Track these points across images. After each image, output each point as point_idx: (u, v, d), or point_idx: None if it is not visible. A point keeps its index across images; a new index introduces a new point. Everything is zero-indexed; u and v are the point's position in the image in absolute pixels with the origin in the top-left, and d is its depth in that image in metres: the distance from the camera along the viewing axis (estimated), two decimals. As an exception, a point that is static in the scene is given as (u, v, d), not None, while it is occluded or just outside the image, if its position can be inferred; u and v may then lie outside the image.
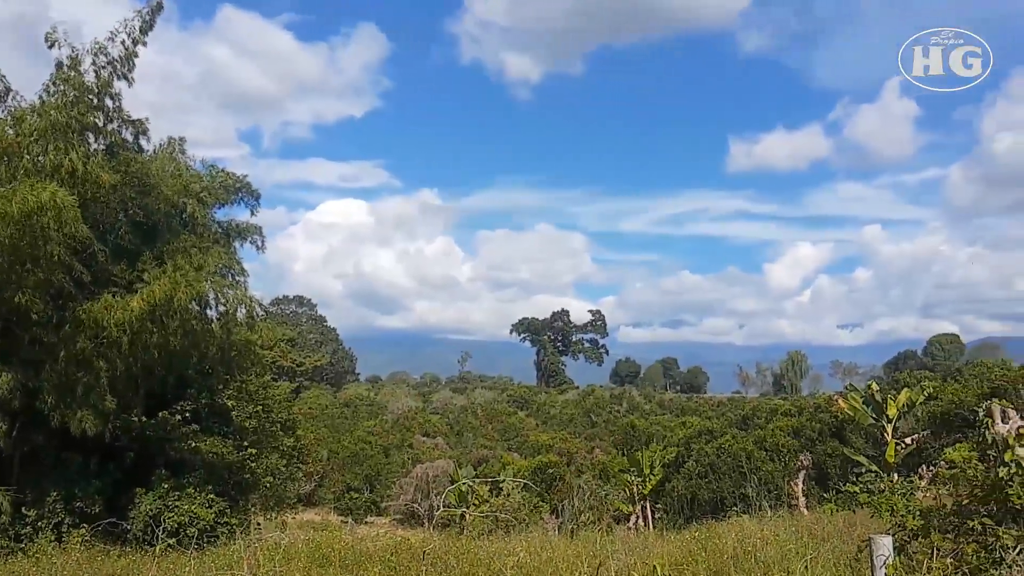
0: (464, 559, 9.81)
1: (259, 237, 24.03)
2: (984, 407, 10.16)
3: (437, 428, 72.98)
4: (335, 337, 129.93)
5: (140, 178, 19.51)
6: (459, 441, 67.73)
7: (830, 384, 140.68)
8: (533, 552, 10.01)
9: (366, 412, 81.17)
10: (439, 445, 63.71)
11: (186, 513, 18.86)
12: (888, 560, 8.02)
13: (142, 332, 17.62)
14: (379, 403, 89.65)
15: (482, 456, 53.54)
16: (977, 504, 9.54)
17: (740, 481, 30.18)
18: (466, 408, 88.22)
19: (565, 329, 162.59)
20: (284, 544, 11.17)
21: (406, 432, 67.71)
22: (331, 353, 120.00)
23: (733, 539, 10.39)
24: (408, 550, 9.99)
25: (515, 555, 9.69)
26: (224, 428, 24.08)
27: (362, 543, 11.09)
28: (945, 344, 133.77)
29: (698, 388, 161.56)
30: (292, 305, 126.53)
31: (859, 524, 13.69)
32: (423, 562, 9.27)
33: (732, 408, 77.54)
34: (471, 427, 75.27)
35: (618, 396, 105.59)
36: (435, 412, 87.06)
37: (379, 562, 9.54)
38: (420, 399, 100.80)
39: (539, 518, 28.53)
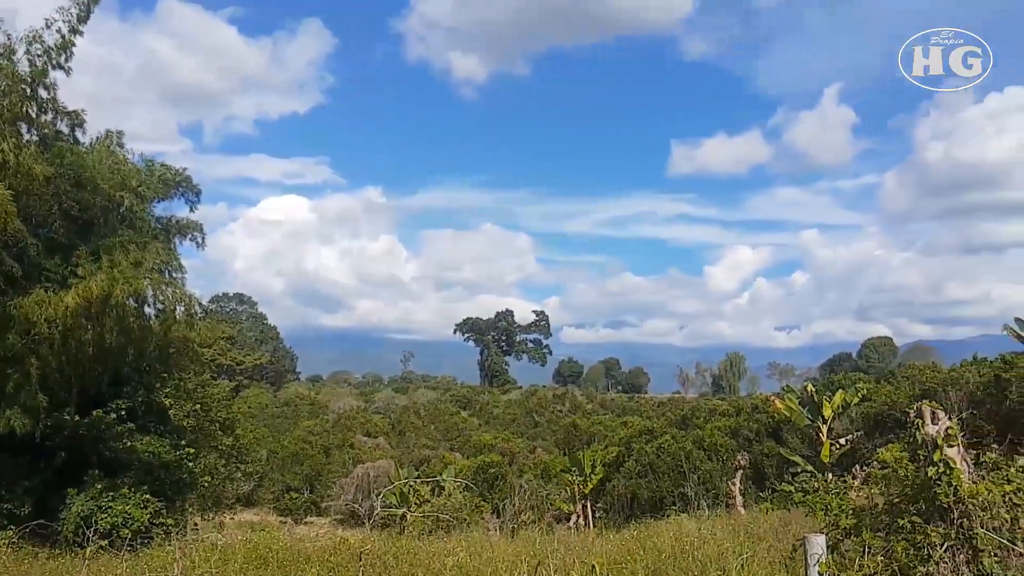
0: (403, 559, 9.76)
1: (199, 234, 23.64)
2: (915, 408, 10.39)
3: (379, 428, 72.58)
4: (276, 335, 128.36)
5: (75, 171, 19.05)
6: (401, 441, 67.43)
7: (767, 385, 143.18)
8: (473, 552, 10.00)
9: (307, 412, 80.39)
10: (380, 445, 63.37)
11: (120, 514, 18.46)
12: (821, 558, 8.18)
13: (76, 328, 17.22)
14: (320, 403, 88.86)
15: (424, 456, 53.42)
16: (907, 503, 9.79)
17: (679, 480, 30.54)
18: (408, 408, 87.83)
19: (509, 329, 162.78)
20: (221, 545, 11.00)
21: (347, 432, 67.22)
22: (271, 352, 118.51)
23: (671, 538, 10.52)
24: (347, 550, 9.90)
25: (454, 555, 9.68)
26: (161, 427, 23.60)
27: (301, 543, 10.96)
28: (879, 347, 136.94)
29: (639, 388, 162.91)
30: (232, 303, 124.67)
31: (794, 523, 13.94)
32: (360, 563, 9.20)
33: (672, 408, 78.36)
34: (413, 427, 74.99)
35: (561, 396, 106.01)
36: (377, 412, 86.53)
37: (317, 563, 9.45)
38: (362, 399, 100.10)
39: (480, 518, 28.50)
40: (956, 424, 10.44)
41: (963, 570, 9.12)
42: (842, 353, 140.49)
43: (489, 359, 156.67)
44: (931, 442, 9.76)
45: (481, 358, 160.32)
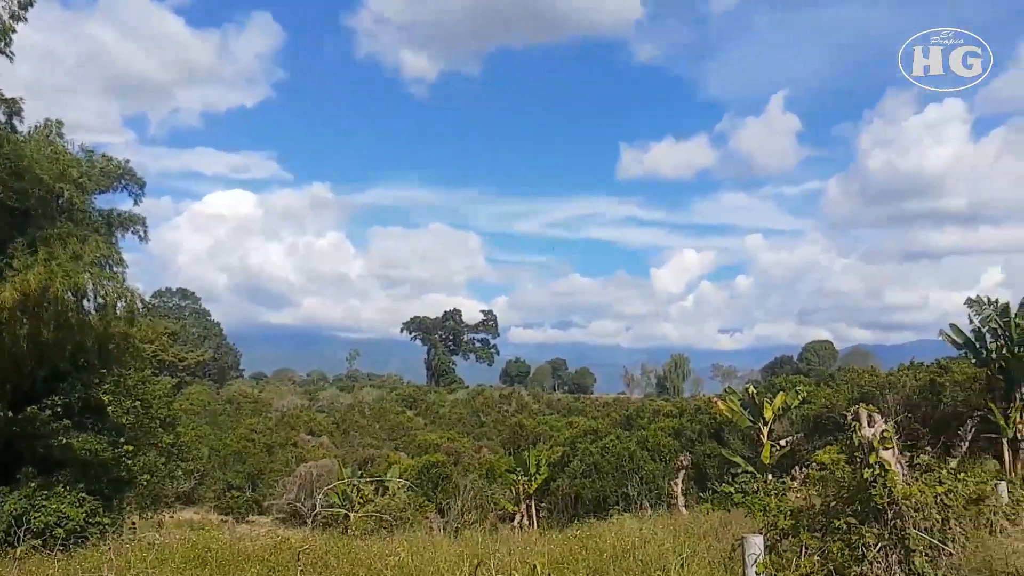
0: (345, 559, 9.69)
1: (141, 227, 23.14)
2: (852, 411, 10.62)
3: (323, 427, 71.95)
4: (219, 332, 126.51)
5: (12, 160, 18.53)
6: (345, 440, 66.89)
7: (710, 386, 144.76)
8: (415, 552, 9.97)
9: (250, 409, 79.39)
10: (324, 444, 62.83)
11: (54, 513, 18.03)
12: (759, 558, 8.31)
13: (11, 323, 16.78)
14: (264, 400, 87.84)
15: (368, 455, 53.04)
16: (843, 504, 9.99)
17: (623, 480, 30.78)
18: (353, 406, 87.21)
19: (456, 328, 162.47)
20: (158, 544, 10.80)
21: (291, 430, 66.56)
22: (215, 348, 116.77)
23: (613, 538, 10.59)
24: (288, 550, 9.79)
25: (396, 555, 9.64)
26: (99, 424, 23.09)
27: (241, 543, 10.82)
28: (819, 350, 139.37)
29: (585, 389, 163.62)
30: (175, 298, 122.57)
31: (734, 523, 14.13)
32: (299, 562, 9.11)
33: (617, 409, 78.83)
34: (358, 426, 74.45)
35: (507, 396, 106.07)
36: (321, 410, 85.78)
37: (257, 562, 9.34)
38: (306, 397, 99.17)
39: (424, 518, 28.43)
40: (892, 427, 10.69)
41: (896, 570, 9.33)
42: (783, 356, 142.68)
43: (436, 358, 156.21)
44: (867, 444, 9.97)
45: (428, 357, 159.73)
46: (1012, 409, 27.56)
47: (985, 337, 28.97)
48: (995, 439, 27.99)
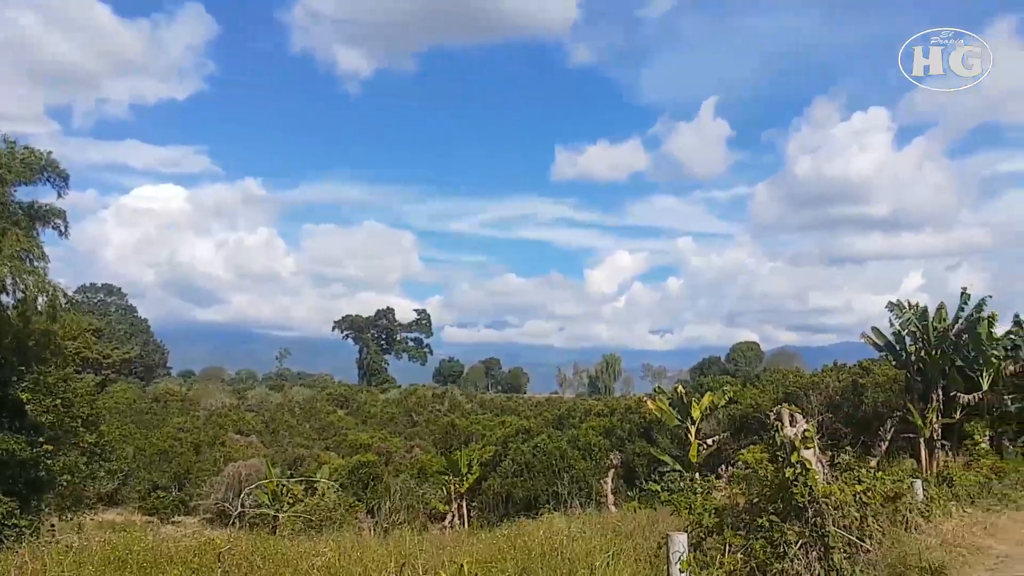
0: (271, 560, 9.56)
1: (62, 221, 22.51)
2: (775, 411, 10.86)
3: (252, 426, 70.86)
4: (146, 328, 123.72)
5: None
6: (274, 439, 65.99)
7: (641, 386, 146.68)
8: (342, 552, 9.88)
9: (177, 408, 77.84)
10: (253, 443, 61.88)
11: (-33, 515, 17.47)
12: (682, 556, 8.45)
13: (-78, 318, 16.20)
14: (192, 399, 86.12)
15: (298, 455, 52.35)
16: (766, 502, 10.21)
17: (554, 479, 30.95)
18: (283, 406, 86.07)
19: (389, 327, 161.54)
20: (76, 546, 10.50)
21: (219, 429, 65.40)
22: (141, 345, 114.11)
23: (542, 536, 10.65)
24: (213, 551, 9.63)
25: (323, 555, 9.55)
26: (16, 423, 22.41)
27: (163, 544, 10.58)
28: (746, 351, 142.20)
29: (519, 388, 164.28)
30: (100, 294, 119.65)
31: (661, 521, 14.32)
32: (221, 563, 8.96)
33: (549, 408, 79.22)
34: (287, 425, 73.52)
35: (440, 396, 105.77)
36: (250, 409, 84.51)
37: (180, 564, 9.15)
38: (235, 396, 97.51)
39: (354, 518, 28.19)
40: (813, 427, 10.96)
41: (815, 566, 9.57)
42: (712, 357, 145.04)
43: (368, 357, 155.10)
44: (789, 444, 10.20)
45: (360, 356, 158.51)
46: (929, 410, 28.44)
47: (905, 340, 29.85)
48: (913, 439, 28.87)
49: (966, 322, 29.10)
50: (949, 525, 14.50)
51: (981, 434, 27.82)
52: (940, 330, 29.15)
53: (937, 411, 28.62)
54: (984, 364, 29.23)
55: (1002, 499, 19.39)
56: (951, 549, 12.76)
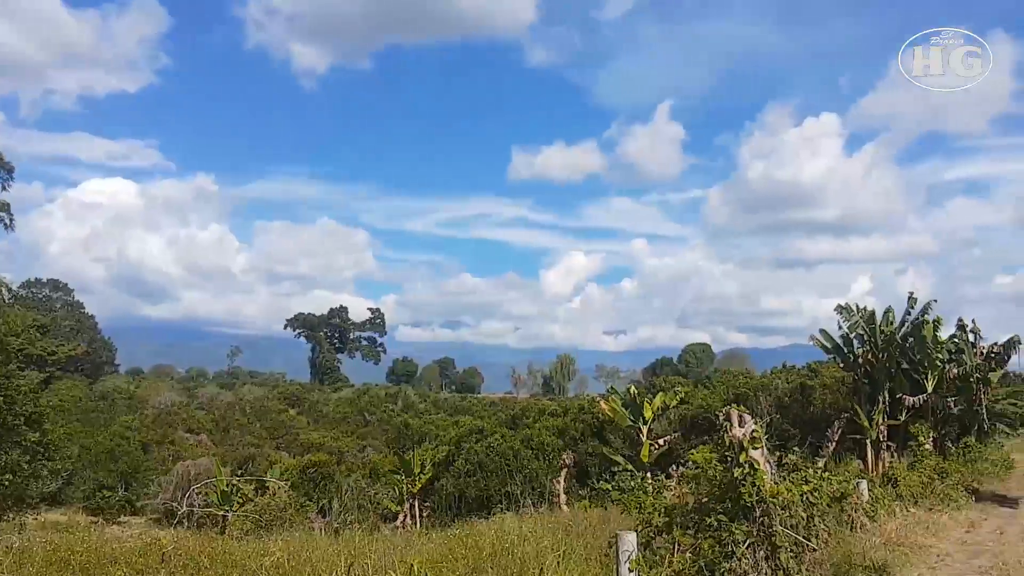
0: (218, 560, 9.44)
1: (6, 214, 22.04)
2: (724, 412, 10.98)
3: (202, 425, 69.97)
4: (93, 325, 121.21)
5: None
6: (225, 439, 65.22)
7: (595, 386, 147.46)
8: (292, 552, 9.79)
9: (125, 406, 76.41)
10: (203, 442, 61.17)
11: (-97, 516, 16.98)
12: (632, 555, 8.50)
13: None
14: (140, 397, 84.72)
15: (249, 454, 51.80)
16: (715, 502, 10.32)
17: (507, 479, 30.94)
18: (234, 404, 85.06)
19: (343, 326, 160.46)
20: (18, 547, 10.27)
21: (168, 428, 64.47)
22: (88, 342, 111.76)
23: (493, 536, 10.65)
24: (158, 551, 9.48)
25: (272, 555, 9.45)
26: (-45, 422, 21.87)
27: (108, 545, 10.39)
28: (698, 352, 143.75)
29: (473, 388, 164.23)
30: (45, 289, 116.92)
31: (612, 520, 14.42)
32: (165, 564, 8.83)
33: (503, 408, 79.27)
34: (238, 424, 72.71)
35: (393, 395, 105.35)
36: (201, 408, 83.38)
37: (124, 564, 8.99)
38: (185, 394, 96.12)
39: (305, 518, 27.95)
40: (761, 427, 11.10)
41: (763, 566, 9.69)
42: (664, 357, 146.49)
43: (321, 356, 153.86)
44: (738, 444, 10.33)
45: (312, 355, 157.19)
46: (876, 412, 28.98)
47: (852, 342, 30.37)
48: (860, 440, 29.38)
49: (912, 326, 29.71)
50: (893, 524, 14.79)
51: (925, 436, 28.41)
52: (887, 333, 29.71)
53: (883, 413, 29.17)
54: (929, 367, 29.89)
55: (944, 499, 19.84)
56: (894, 548, 13.03)
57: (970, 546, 15.18)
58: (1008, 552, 13.10)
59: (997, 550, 13.93)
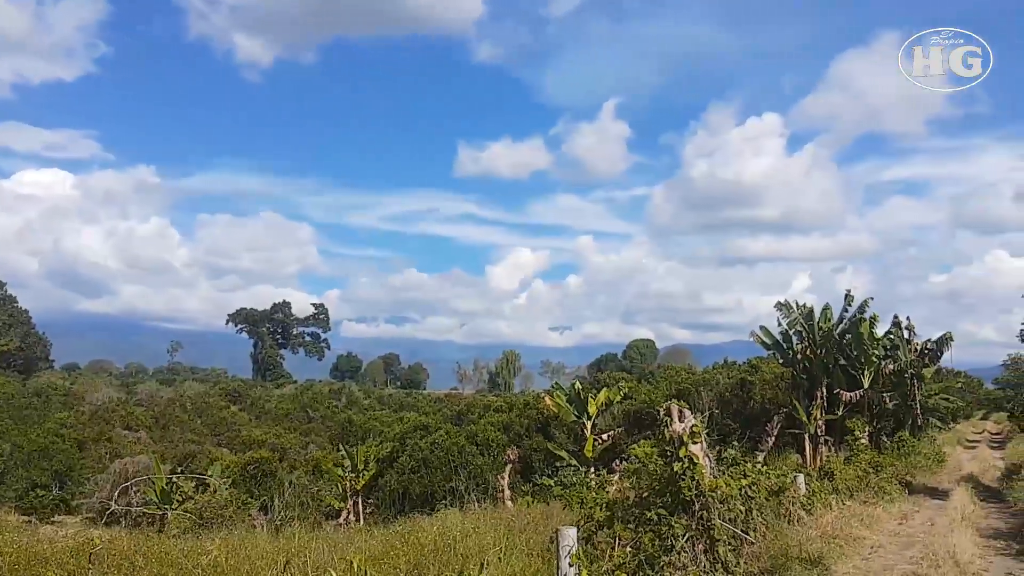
0: (154, 559, 9.26)
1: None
2: (664, 407, 11.09)
3: (141, 421, 68.40)
4: (27, 320, 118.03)
5: None
6: (164, 435, 63.90)
7: (540, 382, 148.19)
8: (231, 550, 9.66)
9: (60, 403, 74.55)
10: (142, 439, 59.82)
11: None
12: (572, 550, 8.54)
13: None
14: (76, 393, 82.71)
15: (189, 451, 50.83)
16: (655, 496, 10.43)
17: (451, 475, 30.92)
18: (174, 401, 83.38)
19: (286, 321, 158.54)
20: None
21: (105, 425, 62.96)
22: (21, 337, 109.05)
23: (435, 532, 10.63)
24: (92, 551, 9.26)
25: (210, 554, 9.31)
26: None
27: (39, 545, 10.12)
28: (642, 348, 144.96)
29: (418, 384, 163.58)
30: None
31: (556, 516, 14.48)
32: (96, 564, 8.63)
33: (448, 404, 79.15)
34: (178, 421, 71.29)
35: (337, 391, 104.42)
36: (139, 404, 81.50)
37: (55, 565, 8.77)
38: (123, 390, 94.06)
39: (246, 515, 27.59)
40: (701, 422, 11.24)
41: (701, 559, 9.82)
42: (609, 353, 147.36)
43: (263, 352, 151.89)
44: (678, 439, 10.44)
45: (255, 350, 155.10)
46: (814, 406, 29.56)
47: (792, 339, 30.95)
48: (798, 434, 29.96)
49: (849, 323, 30.37)
50: (829, 517, 15.07)
51: (861, 430, 29.05)
52: (825, 330, 30.31)
53: (821, 408, 29.77)
54: (865, 363, 30.57)
55: (878, 492, 20.30)
56: (830, 540, 13.27)
57: (902, 537, 15.57)
58: (937, 543, 13.44)
59: (927, 541, 14.29)
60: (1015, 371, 69.26)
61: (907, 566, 12.11)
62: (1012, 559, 13.20)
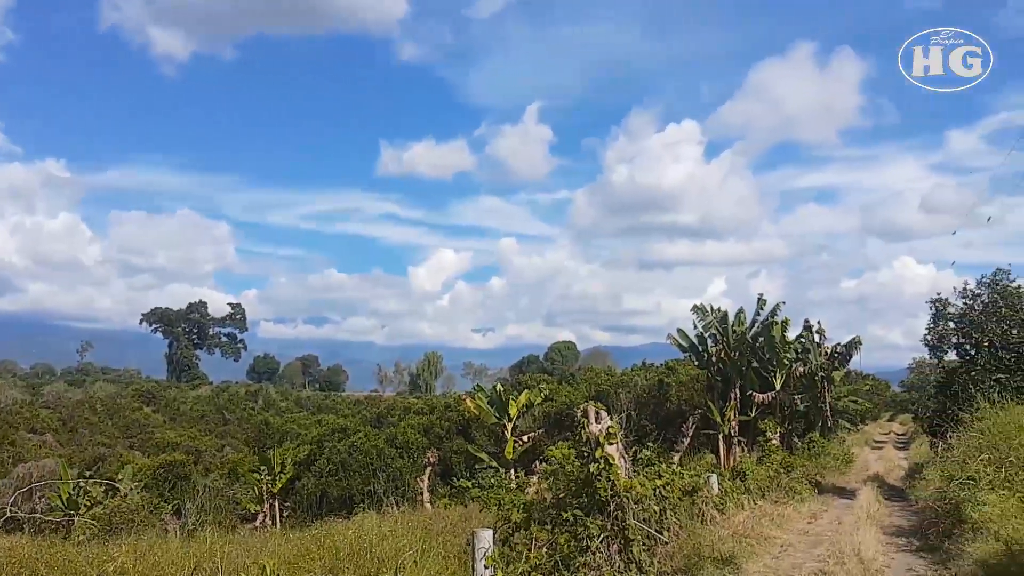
0: (57, 567, 8.97)
1: None
2: (581, 409, 11.22)
3: (47, 424, 66.20)
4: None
5: None
6: (72, 438, 61.96)
7: (462, 384, 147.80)
8: (139, 556, 9.42)
9: (-41, 405, 71.70)
10: (48, 442, 57.87)
11: None
12: (488, 552, 8.58)
13: None
14: (-23, 395, 79.66)
15: (99, 454, 49.40)
16: (572, 497, 10.54)
17: (370, 478, 30.73)
18: (83, 402, 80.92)
19: (202, 321, 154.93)
20: None
21: (8, 428, 60.70)
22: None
23: (351, 536, 10.55)
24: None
25: (116, 560, 9.06)
26: None
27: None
28: (563, 350, 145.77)
29: (337, 386, 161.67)
30: None
31: (474, 518, 14.51)
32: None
33: (368, 406, 78.46)
34: (88, 423, 69.22)
35: (254, 393, 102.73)
36: (46, 406, 78.85)
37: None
38: (29, 391, 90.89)
39: (159, 520, 26.91)
40: (618, 423, 11.41)
41: (616, 559, 9.97)
42: (531, 355, 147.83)
43: (178, 352, 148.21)
44: (594, 440, 10.58)
45: (169, 351, 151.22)
46: (728, 408, 30.21)
47: (707, 341, 31.57)
48: (712, 435, 30.59)
49: (762, 326, 31.12)
50: (741, 517, 15.44)
51: (773, 431, 29.83)
52: (739, 333, 31.00)
53: (735, 409, 30.44)
54: (777, 366, 31.39)
55: (789, 492, 20.85)
56: (741, 540, 13.59)
57: (811, 536, 16.04)
58: (843, 541, 13.87)
59: (835, 539, 14.73)
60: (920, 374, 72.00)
61: (815, 564, 12.48)
62: (913, 555, 13.72)
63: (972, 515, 13.75)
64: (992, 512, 13.15)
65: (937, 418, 27.13)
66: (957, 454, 19.03)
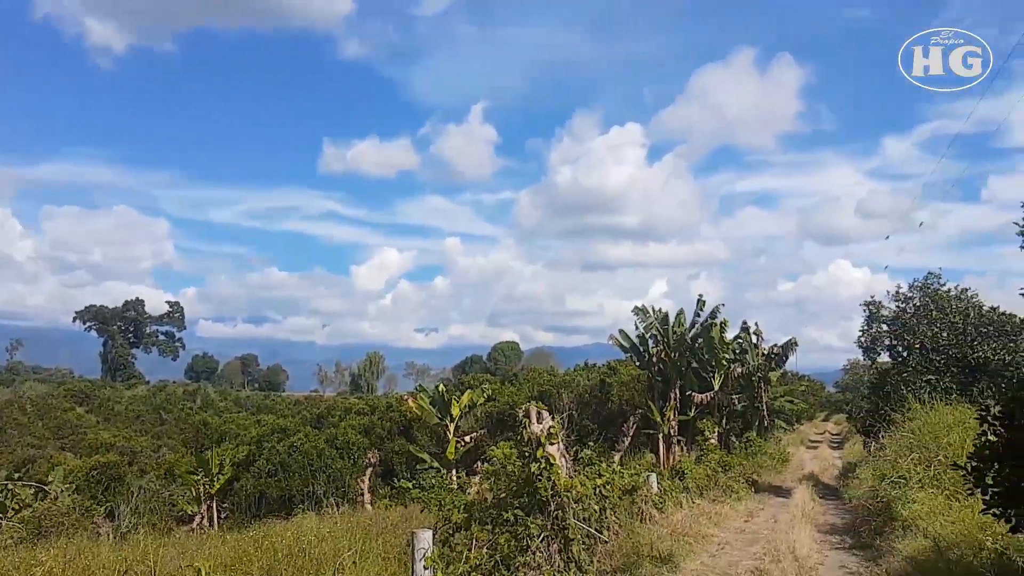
0: (-21, 574, 8.71)
1: None
2: (523, 409, 11.27)
3: (-27, 425, 64.38)
4: None
5: None
6: (0, 439, 60.34)
7: (404, 384, 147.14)
8: (68, 560, 9.18)
9: None
10: (-26, 445, 56.28)
11: None
12: (427, 552, 8.57)
13: None
14: (-102, 396, 77.02)
15: (28, 456, 48.23)
16: (513, 497, 10.58)
17: (310, 479, 30.45)
18: (12, 402, 78.76)
19: (138, 319, 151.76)
20: None
21: (-70, 430, 58.98)
22: None
23: (290, 537, 10.44)
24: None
25: (43, 565, 8.82)
26: None
27: None
28: (506, 350, 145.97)
29: (277, 386, 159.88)
30: None
31: (415, 519, 14.45)
32: None
33: (308, 407, 77.64)
34: (16, 424, 67.40)
35: (192, 393, 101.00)
36: (-28, 406, 76.74)
37: None
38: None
39: (91, 523, 26.30)
40: (559, 423, 11.48)
41: (556, 558, 10.03)
42: (474, 355, 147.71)
43: (113, 351, 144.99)
44: (535, 440, 10.63)
45: (104, 350, 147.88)
46: (668, 408, 30.54)
47: (648, 342, 31.87)
48: (653, 435, 30.89)
49: (701, 327, 31.52)
50: (679, 516, 15.63)
51: (711, 430, 30.23)
52: (679, 334, 31.36)
53: (675, 409, 30.79)
54: (716, 366, 31.86)
55: (726, 491, 21.17)
56: (679, 538, 13.76)
57: (747, 534, 16.32)
58: (779, 539, 14.13)
59: (770, 537, 15.01)
60: (854, 375, 73.79)
61: (751, 562, 12.69)
62: (846, 552, 14.04)
63: (902, 513, 14.14)
64: (921, 510, 13.53)
65: (870, 418, 27.82)
66: (889, 453, 19.56)
